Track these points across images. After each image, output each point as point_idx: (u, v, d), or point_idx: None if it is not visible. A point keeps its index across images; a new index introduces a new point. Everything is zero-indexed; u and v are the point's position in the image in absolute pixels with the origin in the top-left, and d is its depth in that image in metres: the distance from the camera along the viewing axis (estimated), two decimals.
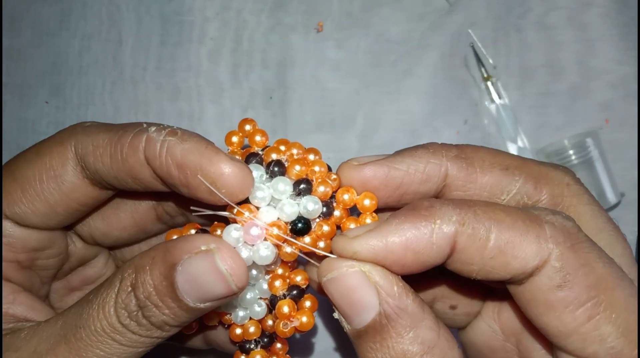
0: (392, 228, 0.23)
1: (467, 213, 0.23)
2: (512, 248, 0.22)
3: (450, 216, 0.22)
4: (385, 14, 0.40)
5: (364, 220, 0.26)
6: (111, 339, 0.25)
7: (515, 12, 0.39)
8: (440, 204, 0.23)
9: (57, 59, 0.43)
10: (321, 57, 0.40)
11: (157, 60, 0.42)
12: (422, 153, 0.26)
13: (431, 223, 0.22)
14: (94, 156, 0.27)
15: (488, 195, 0.26)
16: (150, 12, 0.43)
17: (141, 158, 0.26)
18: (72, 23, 0.44)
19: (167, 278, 0.24)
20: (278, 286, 0.27)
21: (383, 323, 0.23)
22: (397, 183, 0.26)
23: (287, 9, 0.41)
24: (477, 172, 0.26)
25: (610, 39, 0.38)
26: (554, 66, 0.39)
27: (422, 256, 0.23)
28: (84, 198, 0.28)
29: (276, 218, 0.26)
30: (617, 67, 0.38)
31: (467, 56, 0.39)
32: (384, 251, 0.23)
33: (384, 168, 0.26)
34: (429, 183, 0.26)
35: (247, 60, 0.41)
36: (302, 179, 0.26)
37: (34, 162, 0.28)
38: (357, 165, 0.27)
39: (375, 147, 0.39)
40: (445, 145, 0.27)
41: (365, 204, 0.26)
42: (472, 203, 0.23)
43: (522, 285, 0.23)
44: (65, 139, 0.28)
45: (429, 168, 0.26)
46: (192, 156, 0.25)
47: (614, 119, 0.38)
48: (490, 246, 0.22)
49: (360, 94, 0.40)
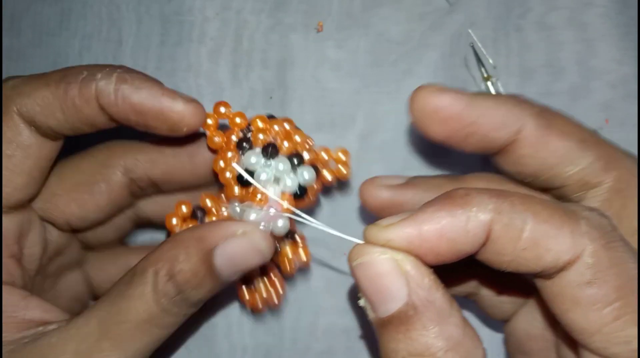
0: (427, 216, 0.22)
1: (504, 202, 0.22)
2: (546, 240, 0.22)
3: (486, 204, 0.22)
4: (385, 14, 0.40)
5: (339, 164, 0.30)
6: (154, 326, 0.26)
7: (515, 12, 0.39)
8: (476, 193, 0.22)
9: (57, 59, 0.43)
10: (321, 57, 0.40)
11: (157, 60, 0.42)
12: (506, 99, 0.26)
13: (467, 211, 0.22)
14: (44, 115, 0.27)
15: (555, 162, 0.25)
16: (150, 12, 0.43)
17: (96, 108, 0.27)
18: (72, 23, 0.44)
19: (205, 262, 0.26)
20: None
21: (409, 315, 0.22)
22: (470, 120, 0.25)
23: (287, 9, 0.41)
24: (552, 135, 0.25)
25: (610, 39, 0.38)
26: (554, 66, 0.39)
27: (456, 245, 0.22)
28: (49, 152, 0.29)
29: (280, 193, 0.29)
30: (617, 67, 0.38)
31: (467, 55, 0.39)
32: (418, 239, 0.22)
33: (463, 100, 0.25)
34: (502, 131, 0.25)
35: (247, 60, 0.41)
36: (293, 153, 0.29)
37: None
38: (437, 90, 0.26)
39: (375, 147, 0.39)
40: (528, 100, 0.26)
41: (340, 156, 0.30)
42: (509, 193, 0.23)
43: (550, 280, 0.23)
44: (6, 107, 0.28)
45: (508, 115, 0.25)
46: (150, 103, 0.27)
47: (614, 119, 0.38)
48: (524, 237, 0.22)
49: (360, 94, 0.40)
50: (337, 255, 0.39)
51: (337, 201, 0.39)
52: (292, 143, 0.30)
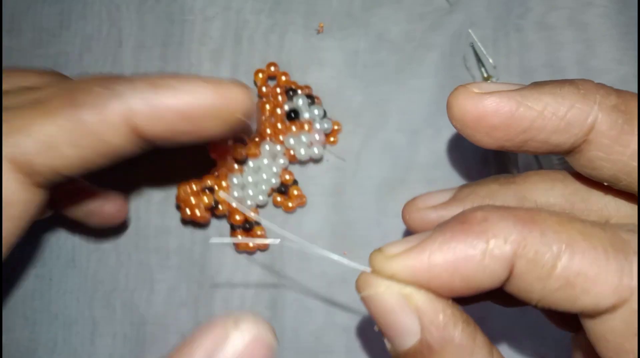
0: (436, 246, 0.19)
1: (532, 231, 0.18)
2: (583, 280, 0.18)
3: (508, 234, 0.18)
4: (385, 14, 0.40)
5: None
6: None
7: (515, 12, 0.39)
8: (498, 218, 0.18)
9: (57, 59, 0.43)
10: (321, 57, 0.41)
11: (158, 60, 0.42)
12: (568, 91, 0.20)
13: (483, 242, 0.18)
14: (46, 156, 0.21)
15: (637, 166, 0.20)
16: (151, 12, 0.43)
17: (125, 131, 0.22)
18: (72, 23, 0.44)
19: None
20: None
21: (424, 353, 0.20)
22: (524, 126, 0.20)
23: (286, 9, 0.41)
24: (634, 134, 0.20)
25: (610, 39, 0.38)
26: (554, 66, 0.39)
27: (472, 281, 0.19)
28: (42, 201, 0.23)
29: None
30: (617, 67, 0.38)
31: (467, 55, 0.40)
32: (426, 274, 0.19)
33: (511, 103, 0.20)
34: (567, 133, 0.20)
35: (247, 60, 0.41)
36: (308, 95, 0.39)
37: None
38: (477, 94, 0.21)
39: (377, 147, 0.39)
40: (602, 87, 0.20)
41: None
42: (541, 217, 0.19)
43: (593, 320, 0.19)
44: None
45: (572, 114, 0.20)
46: (202, 100, 0.22)
47: None
48: (555, 274, 0.18)
49: (360, 95, 0.40)
50: (338, 253, 0.39)
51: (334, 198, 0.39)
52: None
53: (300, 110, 0.38)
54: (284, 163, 0.38)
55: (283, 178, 0.38)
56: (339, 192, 0.39)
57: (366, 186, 0.39)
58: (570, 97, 0.20)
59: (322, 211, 0.39)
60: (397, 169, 0.39)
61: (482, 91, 0.21)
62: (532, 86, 0.21)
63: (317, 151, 0.38)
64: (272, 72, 0.39)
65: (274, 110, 0.38)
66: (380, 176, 0.39)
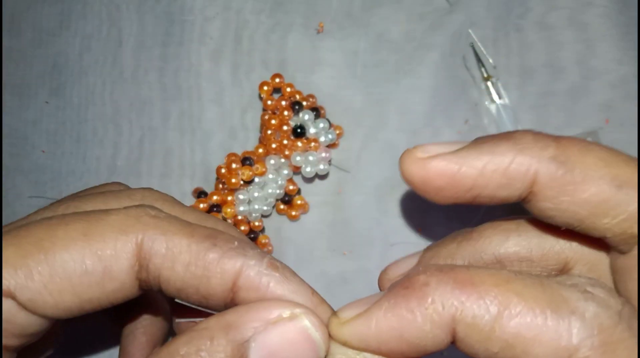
0: (382, 313, 0.19)
1: (470, 295, 0.18)
2: (523, 342, 0.18)
3: (445, 299, 0.18)
4: (385, 14, 0.40)
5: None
6: None
7: (515, 12, 0.39)
8: (437, 282, 0.19)
9: (57, 59, 0.43)
10: (321, 57, 0.41)
11: (158, 60, 0.42)
12: (506, 147, 0.21)
13: (423, 308, 0.18)
14: (164, 260, 0.21)
15: (587, 214, 0.20)
16: (150, 12, 0.43)
17: (228, 285, 0.21)
18: (72, 23, 0.44)
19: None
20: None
21: None
22: (468, 185, 0.21)
23: (286, 9, 0.41)
24: (576, 183, 0.20)
25: (610, 39, 0.38)
26: (554, 65, 0.39)
27: (418, 346, 0.19)
28: (124, 297, 0.22)
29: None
30: (617, 67, 0.38)
31: (467, 55, 0.40)
32: (375, 340, 0.19)
33: (452, 166, 0.21)
34: (510, 188, 0.21)
35: (247, 60, 0.41)
36: (313, 108, 0.39)
37: (78, 244, 0.21)
38: (421, 159, 0.22)
39: (376, 147, 0.39)
40: (541, 138, 0.21)
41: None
42: (479, 278, 0.19)
43: None
44: (130, 228, 0.21)
45: (512, 170, 0.20)
46: (301, 299, 0.21)
47: (614, 119, 0.38)
48: (495, 337, 0.18)
49: (360, 95, 0.40)
50: (337, 254, 0.39)
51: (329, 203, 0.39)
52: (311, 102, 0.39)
53: (307, 126, 0.38)
54: (288, 174, 0.38)
55: (287, 188, 0.38)
56: (339, 192, 0.39)
57: (366, 186, 0.39)
58: (508, 153, 0.20)
59: (323, 211, 0.39)
60: (397, 169, 0.39)
61: (426, 155, 0.21)
62: (473, 144, 0.21)
63: (322, 167, 0.38)
64: (277, 84, 0.39)
65: (280, 125, 0.38)
66: (380, 176, 0.39)
